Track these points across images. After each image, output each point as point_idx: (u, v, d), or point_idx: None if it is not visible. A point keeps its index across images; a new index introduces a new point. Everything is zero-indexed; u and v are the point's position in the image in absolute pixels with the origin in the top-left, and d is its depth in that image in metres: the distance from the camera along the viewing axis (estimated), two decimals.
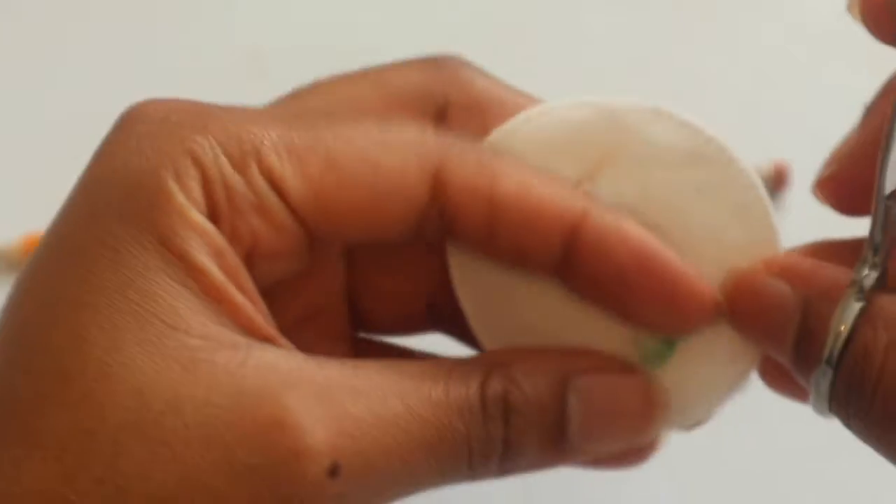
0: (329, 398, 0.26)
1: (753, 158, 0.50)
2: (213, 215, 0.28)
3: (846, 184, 0.31)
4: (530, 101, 0.31)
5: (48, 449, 0.25)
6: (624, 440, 0.30)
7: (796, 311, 0.28)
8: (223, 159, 0.28)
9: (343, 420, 0.26)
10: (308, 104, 0.30)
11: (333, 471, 0.26)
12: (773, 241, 0.30)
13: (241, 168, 0.28)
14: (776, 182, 0.51)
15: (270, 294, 0.31)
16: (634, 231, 0.29)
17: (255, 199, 0.28)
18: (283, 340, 0.28)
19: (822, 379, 0.27)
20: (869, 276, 0.27)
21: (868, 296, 0.27)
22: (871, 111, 0.31)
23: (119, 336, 0.26)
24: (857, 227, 0.52)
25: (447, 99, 0.31)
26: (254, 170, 0.28)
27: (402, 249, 0.32)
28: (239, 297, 0.28)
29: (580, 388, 0.29)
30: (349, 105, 0.31)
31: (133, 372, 0.26)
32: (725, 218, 0.30)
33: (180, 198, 0.27)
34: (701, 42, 0.53)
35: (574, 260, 0.29)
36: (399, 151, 0.29)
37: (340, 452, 0.26)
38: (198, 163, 0.27)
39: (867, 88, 0.52)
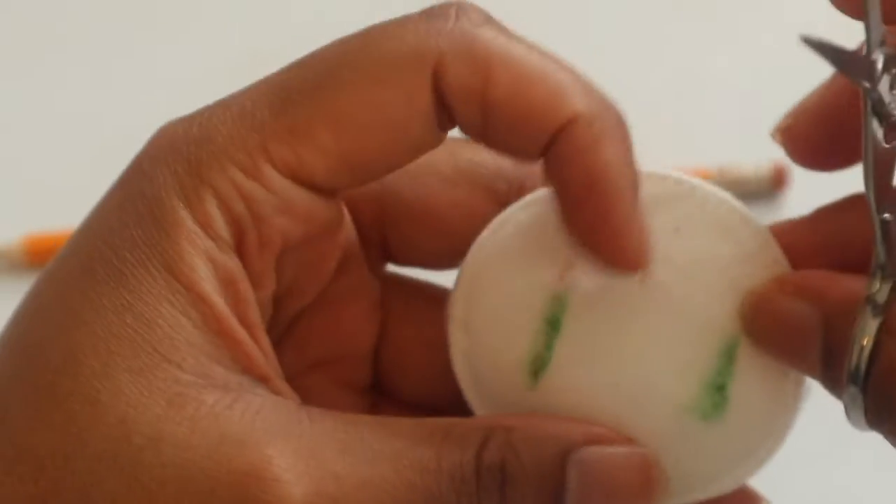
0: (314, 453, 0.26)
1: (753, 158, 0.51)
2: (238, 232, 0.27)
3: (799, 139, 0.31)
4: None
5: (27, 468, 0.25)
6: None
7: (818, 330, 0.28)
8: (236, 172, 0.27)
9: (325, 479, 0.25)
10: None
11: None
12: (769, 243, 0.30)
13: (255, 174, 0.27)
14: (776, 182, 0.51)
15: (295, 327, 0.31)
16: (603, 156, 0.28)
17: (277, 200, 0.27)
18: (279, 382, 0.28)
19: (854, 397, 0.27)
20: (881, 289, 0.27)
21: (886, 308, 0.26)
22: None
23: (111, 361, 0.26)
24: None
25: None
26: (268, 171, 0.27)
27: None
28: (240, 332, 0.27)
29: (582, 461, 0.28)
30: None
31: (119, 400, 0.25)
32: (714, 241, 0.30)
33: (191, 225, 0.27)
34: (701, 42, 0.53)
35: (549, 154, 0.28)
36: (397, 77, 0.28)
37: None
38: (211, 184, 0.27)
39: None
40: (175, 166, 0.27)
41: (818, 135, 0.30)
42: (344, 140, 0.27)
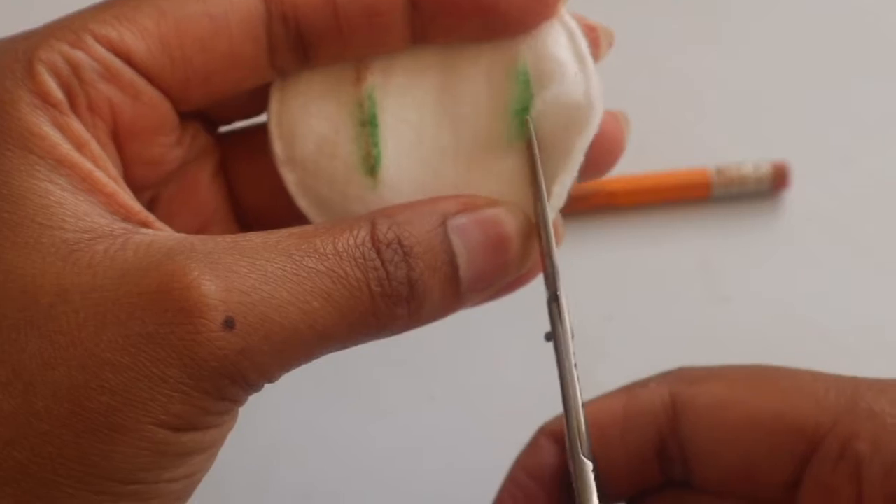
0: (214, 262, 0.26)
1: (753, 158, 0.51)
2: (69, 95, 0.28)
3: None
4: None
5: None
6: (508, 268, 0.30)
7: None
8: (61, 45, 0.28)
9: (231, 279, 0.26)
10: None
11: (228, 324, 0.26)
12: None
13: (79, 45, 0.28)
14: (776, 182, 0.51)
15: (154, 210, 0.31)
16: None
17: (100, 66, 0.28)
18: (159, 224, 0.28)
19: None
20: None
21: None
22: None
23: None
24: (858, 231, 0.51)
25: None
26: (91, 42, 0.28)
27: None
28: (110, 185, 0.28)
29: (457, 228, 0.29)
30: None
31: (15, 275, 0.26)
32: None
33: (30, 98, 0.27)
34: (701, 42, 0.54)
35: (421, 4, 0.30)
36: None
37: (232, 307, 0.26)
38: (40, 59, 0.28)
39: (867, 89, 0.52)
40: (1, 58, 0.28)
41: None
42: (164, 25, 0.29)
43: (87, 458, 0.26)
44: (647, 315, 0.50)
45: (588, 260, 0.46)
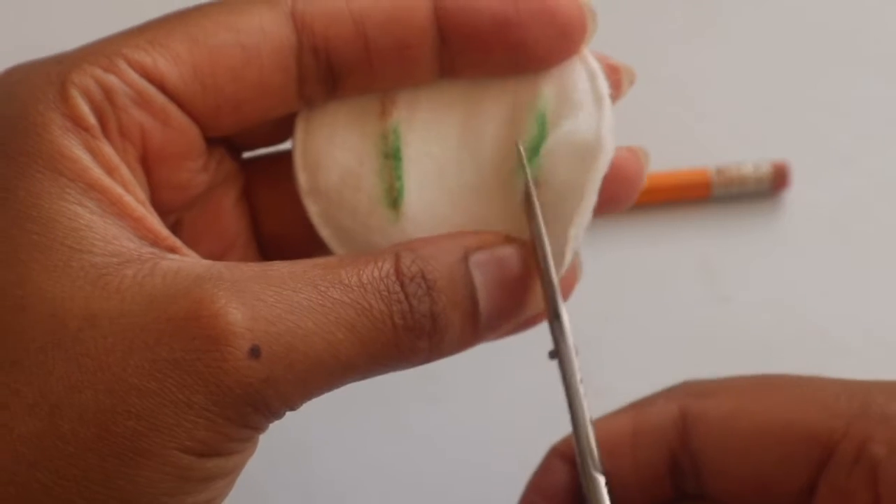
0: (241, 290, 0.27)
1: (753, 158, 0.51)
2: (101, 120, 0.28)
3: None
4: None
5: None
6: (527, 305, 0.31)
7: None
8: (94, 69, 0.28)
9: (257, 307, 0.27)
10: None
11: (254, 353, 0.26)
12: None
13: (112, 69, 0.28)
14: (776, 182, 0.51)
15: (177, 233, 0.31)
16: None
17: (133, 91, 0.29)
18: (186, 250, 0.29)
19: None
20: None
21: None
22: None
23: (25, 268, 0.27)
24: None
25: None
26: (124, 66, 0.28)
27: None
28: (139, 210, 0.28)
29: (480, 263, 0.30)
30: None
31: (44, 298, 0.26)
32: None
33: (61, 121, 0.28)
34: (701, 42, 0.54)
35: (450, 38, 0.30)
36: (252, 7, 0.30)
37: (258, 336, 0.26)
38: (73, 82, 0.28)
39: (867, 89, 0.52)
40: (34, 80, 0.28)
41: None
42: (196, 52, 0.29)
43: (112, 482, 0.26)
44: (647, 315, 0.50)
45: (587, 260, 0.46)
